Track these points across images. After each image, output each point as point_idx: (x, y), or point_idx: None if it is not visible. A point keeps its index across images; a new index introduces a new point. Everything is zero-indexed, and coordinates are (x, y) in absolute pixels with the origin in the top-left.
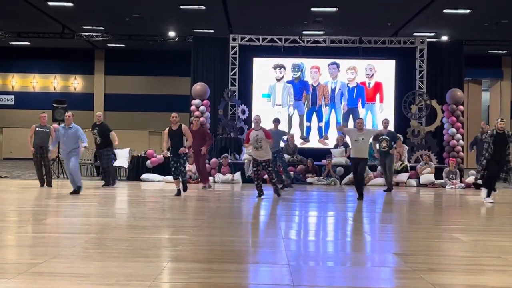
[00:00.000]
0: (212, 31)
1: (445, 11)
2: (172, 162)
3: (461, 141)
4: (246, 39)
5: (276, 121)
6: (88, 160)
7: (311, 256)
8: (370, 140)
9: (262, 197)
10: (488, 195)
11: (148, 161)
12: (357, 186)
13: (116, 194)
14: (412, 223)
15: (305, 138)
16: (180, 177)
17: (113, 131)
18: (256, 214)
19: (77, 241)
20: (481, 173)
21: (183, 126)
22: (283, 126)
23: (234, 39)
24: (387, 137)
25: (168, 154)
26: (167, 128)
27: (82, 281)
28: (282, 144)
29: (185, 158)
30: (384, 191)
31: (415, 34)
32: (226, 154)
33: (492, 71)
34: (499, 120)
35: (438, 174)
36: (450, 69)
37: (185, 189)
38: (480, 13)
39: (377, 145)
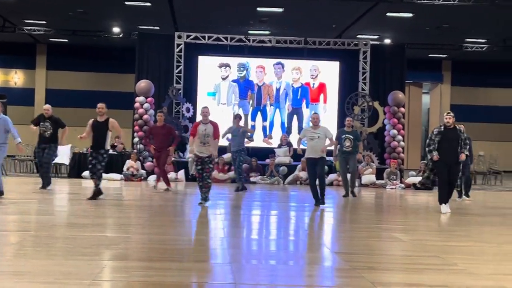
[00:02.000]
0: (157, 28)
1: (388, 14)
2: (90, 158)
3: (402, 143)
4: (191, 37)
5: (238, 117)
6: (27, 156)
7: (254, 254)
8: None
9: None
10: (445, 202)
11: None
12: (314, 189)
13: (56, 191)
14: (353, 222)
15: (249, 137)
16: (95, 176)
17: (67, 128)
18: (198, 213)
19: (16, 238)
20: (425, 176)
21: (111, 119)
22: (227, 125)
23: (179, 37)
24: (350, 136)
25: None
26: (92, 119)
27: (20, 279)
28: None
29: (105, 155)
30: (344, 196)
31: (359, 36)
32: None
33: (432, 74)
34: (446, 114)
35: (379, 174)
36: (392, 71)
37: (97, 193)
38: (422, 17)
39: (338, 145)
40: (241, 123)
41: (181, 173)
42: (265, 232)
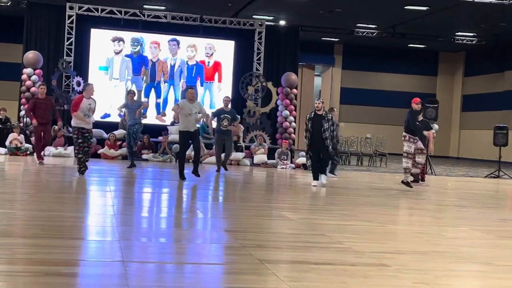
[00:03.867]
0: None
1: None
2: None
3: (293, 124)
4: (84, 8)
5: (131, 93)
6: None
7: (143, 232)
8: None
9: (86, 172)
10: (316, 179)
11: None
12: (185, 164)
13: None
14: (243, 201)
15: (143, 114)
16: None
17: None
18: (87, 189)
19: None
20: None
21: None
22: (120, 102)
23: (71, 8)
24: (228, 116)
25: None
26: None
27: None
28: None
29: None
30: (217, 171)
31: (254, 16)
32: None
33: (325, 57)
34: (316, 100)
35: (270, 154)
36: (286, 53)
37: None
38: (317, 0)
39: (215, 124)
40: (135, 98)
41: (71, 148)
42: (156, 210)
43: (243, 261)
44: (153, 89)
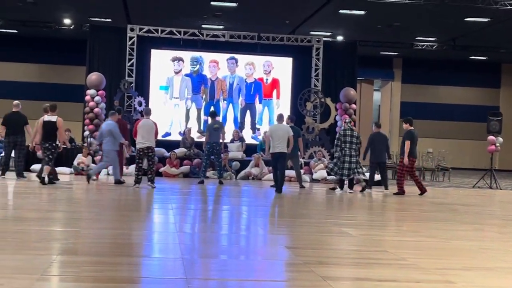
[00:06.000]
0: (109, 20)
1: (341, 11)
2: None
3: None
4: (144, 30)
5: (215, 114)
6: None
7: (205, 249)
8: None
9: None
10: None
11: (39, 152)
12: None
13: (5, 185)
14: (303, 217)
15: (202, 132)
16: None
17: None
18: (149, 207)
19: None
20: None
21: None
22: (180, 120)
23: (132, 30)
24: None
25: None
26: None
27: None
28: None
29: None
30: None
31: (312, 32)
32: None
33: (383, 72)
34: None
35: (334, 170)
36: (344, 68)
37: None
38: (375, 15)
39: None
40: (217, 119)
41: (132, 167)
42: (216, 227)
43: (304, 278)
44: (212, 107)
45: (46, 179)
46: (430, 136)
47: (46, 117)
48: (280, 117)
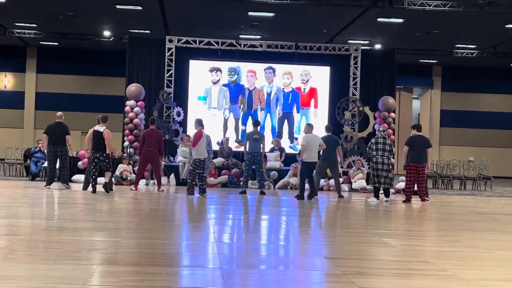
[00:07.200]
0: (148, 32)
1: (379, 20)
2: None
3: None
4: (182, 41)
5: (257, 123)
6: (17, 160)
7: (244, 259)
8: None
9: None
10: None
11: (80, 162)
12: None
13: (47, 195)
14: (343, 227)
15: (240, 142)
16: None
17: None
18: (188, 217)
19: (5, 242)
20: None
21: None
22: (218, 129)
23: (170, 41)
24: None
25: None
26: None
27: (9, 284)
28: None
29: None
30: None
31: (349, 41)
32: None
33: (423, 80)
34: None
35: (369, 179)
36: (382, 76)
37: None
38: (413, 23)
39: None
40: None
41: (172, 178)
42: (255, 237)
43: None
44: (250, 117)
45: (108, 186)
46: (471, 145)
47: (96, 127)
48: (310, 127)
